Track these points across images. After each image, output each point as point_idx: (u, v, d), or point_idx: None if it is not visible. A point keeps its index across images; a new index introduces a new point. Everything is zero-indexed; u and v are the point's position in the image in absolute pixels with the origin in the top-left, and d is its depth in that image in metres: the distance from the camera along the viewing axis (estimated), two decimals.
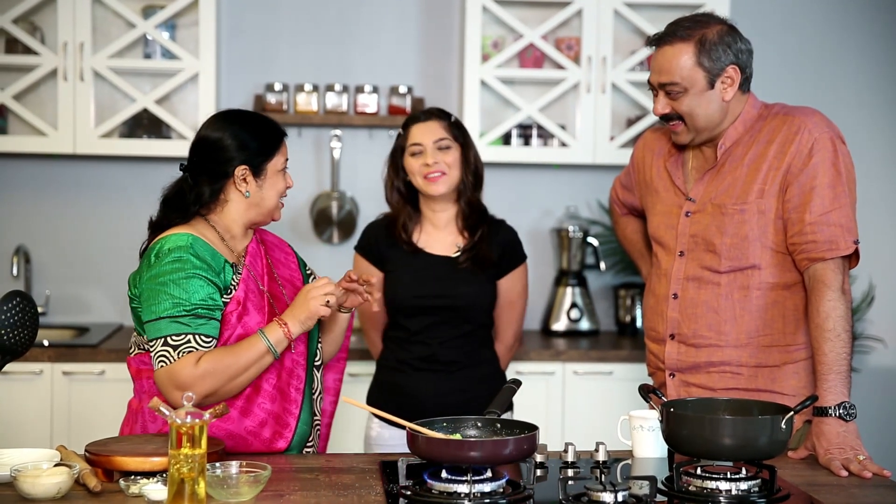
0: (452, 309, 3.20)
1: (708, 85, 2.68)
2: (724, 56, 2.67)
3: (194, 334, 2.43)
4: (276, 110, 4.53)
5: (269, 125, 2.64)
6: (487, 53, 4.56)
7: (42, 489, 2.12)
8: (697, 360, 2.75)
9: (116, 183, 4.66)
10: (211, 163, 2.58)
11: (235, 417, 2.52)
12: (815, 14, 4.88)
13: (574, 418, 4.21)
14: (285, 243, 2.84)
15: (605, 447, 2.44)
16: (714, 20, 2.71)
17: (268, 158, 2.59)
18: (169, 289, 2.44)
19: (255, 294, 2.57)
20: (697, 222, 2.77)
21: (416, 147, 3.20)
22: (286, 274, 2.73)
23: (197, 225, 2.58)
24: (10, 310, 2.32)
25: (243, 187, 2.58)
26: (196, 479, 2.02)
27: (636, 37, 4.65)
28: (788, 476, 2.38)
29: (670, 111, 2.73)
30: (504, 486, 2.18)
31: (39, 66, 4.34)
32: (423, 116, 3.25)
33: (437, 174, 3.17)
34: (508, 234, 3.31)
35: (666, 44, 2.69)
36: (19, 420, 4.06)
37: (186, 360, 2.41)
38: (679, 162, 2.86)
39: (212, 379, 2.42)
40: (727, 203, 2.72)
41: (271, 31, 4.68)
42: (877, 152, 4.92)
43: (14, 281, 4.56)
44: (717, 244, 2.72)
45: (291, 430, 2.58)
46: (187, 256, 2.47)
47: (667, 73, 2.68)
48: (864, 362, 4.88)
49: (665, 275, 2.82)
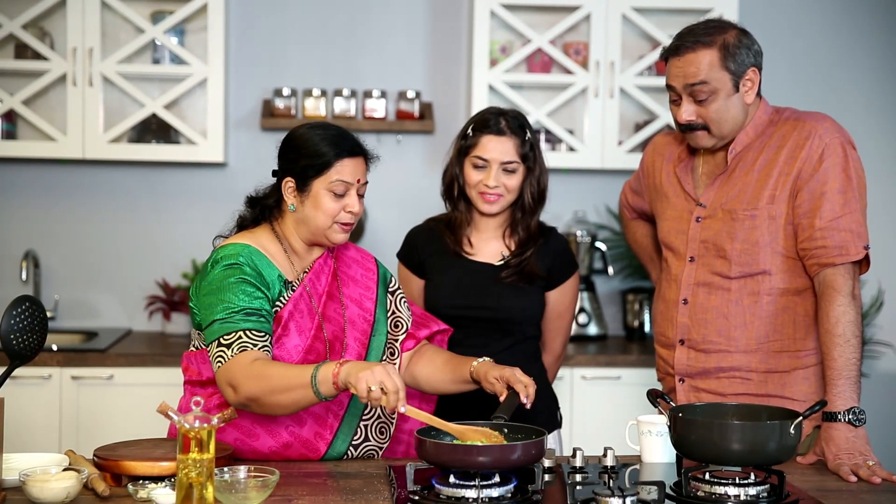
0: (494, 321, 3.00)
1: (734, 88, 2.67)
2: (746, 58, 2.67)
3: (244, 330, 2.38)
4: (284, 115, 4.54)
5: (333, 140, 2.51)
6: (496, 58, 4.56)
7: (51, 494, 2.13)
8: (707, 365, 2.75)
9: (125, 188, 4.67)
10: (278, 164, 2.57)
11: (261, 434, 2.50)
12: (823, 19, 4.87)
13: (582, 423, 4.21)
14: (371, 259, 2.75)
15: (613, 452, 2.43)
16: (727, 25, 2.71)
17: (315, 174, 2.49)
18: (220, 295, 2.43)
19: (303, 315, 2.52)
20: (708, 228, 2.76)
21: (480, 161, 2.96)
22: (355, 293, 2.64)
23: (261, 235, 2.56)
24: (18, 314, 2.32)
25: (290, 200, 2.53)
26: (204, 484, 2.02)
27: (644, 41, 4.65)
28: (797, 481, 2.37)
29: (695, 118, 2.69)
30: (512, 491, 2.18)
31: (49, 72, 4.35)
32: (498, 128, 2.96)
33: (494, 197, 2.97)
34: (559, 244, 3.09)
35: (688, 51, 2.66)
36: (28, 425, 4.07)
37: (241, 356, 2.36)
38: (689, 167, 2.85)
39: (258, 382, 2.31)
40: (738, 209, 2.71)
41: (280, 35, 4.69)
42: (885, 156, 4.91)
43: (23, 285, 4.57)
44: (727, 250, 2.71)
45: (319, 454, 2.53)
46: (238, 264, 2.46)
47: (693, 75, 2.65)
48: (873, 367, 4.87)
49: (675, 280, 2.81)
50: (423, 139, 4.74)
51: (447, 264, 3.06)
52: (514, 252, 3.04)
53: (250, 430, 2.50)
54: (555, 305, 3.10)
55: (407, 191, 4.73)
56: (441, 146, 4.65)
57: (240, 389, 2.33)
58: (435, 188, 4.70)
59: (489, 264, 3.04)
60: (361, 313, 2.63)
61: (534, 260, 3.01)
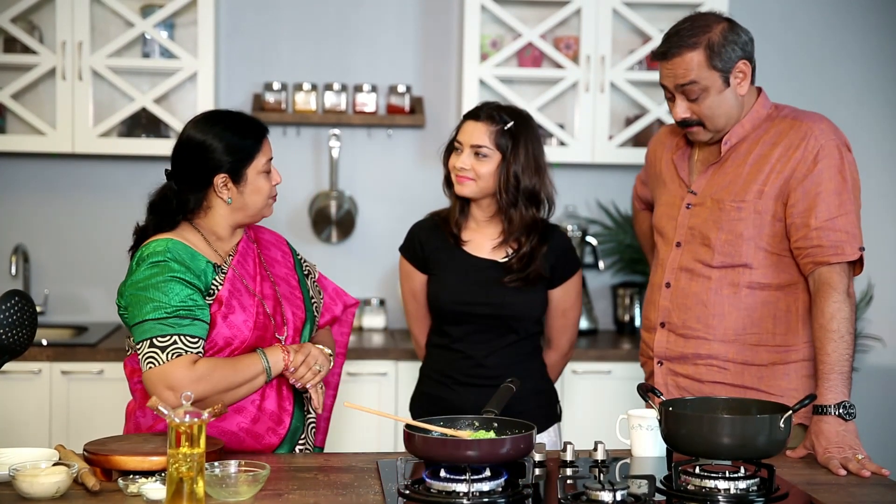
0: (497, 318, 3.01)
1: (724, 84, 2.69)
2: (733, 53, 2.68)
3: (179, 335, 2.43)
4: (274, 109, 4.53)
5: (247, 126, 2.59)
6: (486, 52, 4.56)
7: (41, 488, 2.12)
8: (685, 350, 2.77)
9: (115, 182, 4.66)
10: (191, 170, 2.57)
11: (228, 415, 2.53)
12: (815, 13, 4.88)
13: (573, 417, 4.21)
14: (283, 241, 2.82)
15: (603, 446, 2.44)
16: (713, 20, 2.71)
17: (247, 163, 2.56)
18: (149, 293, 2.45)
19: (243, 294, 2.57)
20: (696, 215, 2.78)
21: (457, 143, 3.03)
22: (281, 272, 2.72)
23: (180, 229, 2.58)
24: (8, 309, 2.32)
25: (224, 194, 2.56)
26: (195, 479, 2.02)
27: (635, 36, 4.65)
28: (787, 475, 2.38)
29: (690, 115, 2.73)
30: (503, 486, 2.18)
31: (38, 66, 4.33)
32: (477, 114, 3.02)
33: (463, 178, 3.00)
34: (562, 243, 3.09)
35: (675, 55, 2.68)
36: (18, 419, 4.06)
37: (181, 361, 2.41)
38: (685, 155, 2.88)
39: (205, 384, 2.42)
40: (725, 199, 2.73)
41: (270, 30, 4.68)
42: (876, 151, 4.92)
43: (12, 280, 4.56)
44: (711, 238, 2.74)
45: (286, 426, 2.59)
46: (164, 261, 2.48)
47: (683, 76, 2.68)
48: (863, 361, 4.88)
49: (661, 264, 2.85)
50: (413, 133, 4.74)
51: (451, 260, 3.07)
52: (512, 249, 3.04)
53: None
54: (558, 303, 3.12)
55: (397, 185, 4.73)
56: (432, 140, 4.65)
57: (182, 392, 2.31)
58: (425, 182, 4.73)
59: (493, 261, 3.04)
60: (290, 289, 2.70)
61: (539, 263, 3.02)
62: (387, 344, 4.34)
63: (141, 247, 2.54)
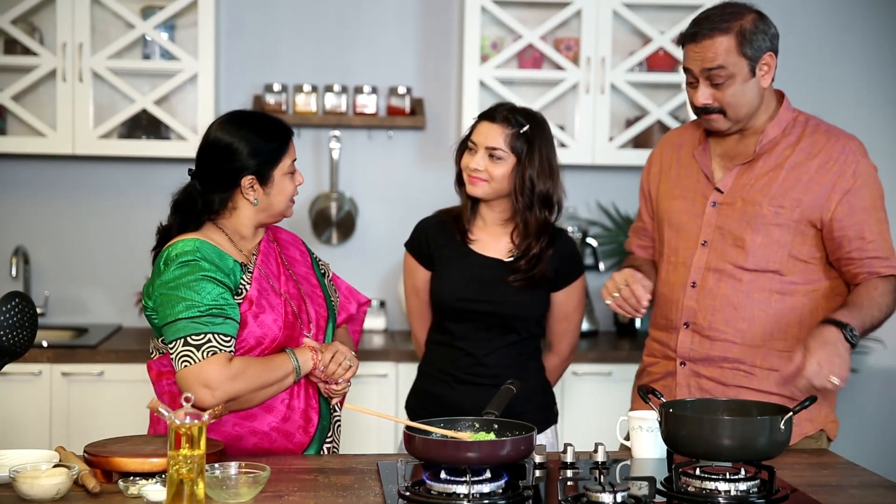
0: (499, 316, 3.01)
1: (750, 73, 2.68)
2: (763, 43, 2.68)
3: (213, 333, 2.42)
4: (275, 111, 4.53)
5: (273, 128, 2.60)
6: (486, 54, 4.56)
7: (41, 490, 2.12)
8: (711, 352, 2.74)
9: (115, 184, 4.66)
10: (218, 171, 2.57)
11: (258, 414, 2.53)
12: (815, 14, 4.88)
13: (573, 419, 4.22)
14: (299, 240, 2.83)
15: (604, 448, 2.44)
16: (745, 9, 2.71)
17: (274, 165, 2.57)
18: (181, 292, 2.44)
19: (270, 293, 2.57)
20: (725, 215, 2.75)
21: (471, 143, 3.02)
22: (302, 271, 2.73)
23: (206, 230, 2.58)
24: (8, 311, 2.32)
25: (251, 195, 2.57)
26: (195, 480, 2.02)
27: (635, 37, 4.65)
28: (787, 476, 2.38)
29: (712, 102, 2.70)
30: (503, 487, 2.18)
31: (38, 67, 4.34)
32: (492, 116, 3.02)
33: (477, 179, 2.99)
34: (567, 247, 3.09)
35: (705, 38, 2.66)
36: (18, 421, 4.06)
37: (216, 359, 2.40)
38: (707, 151, 2.84)
39: (240, 382, 2.42)
40: (762, 201, 2.71)
41: (270, 31, 4.68)
42: (876, 152, 4.89)
43: (13, 282, 4.56)
44: (746, 240, 2.71)
45: (314, 424, 2.60)
46: (195, 260, 2.48)
47: (711, 60, 2.65)
48: (863, 363, 4.88)
49: (683, 263, 2.80)
50: (414, 135, 4.74)
51: (456, 257, 3.06)
52: (521, 250, 3.02)
53: (247, 412, 2.53)
54: (561, 307, 3.11)
55: (398, 186, 4.73)
56: (432, 142, 4.66)
57: (219, 390, 2.39)
58: (426, 184, 4.73)
59: (498, 259, 3.04)
60: (311, 288, 2.71)
61: (544, 265, 3.01)
62: (387, 345, 4.34)
63: (166, 247, 2.53)
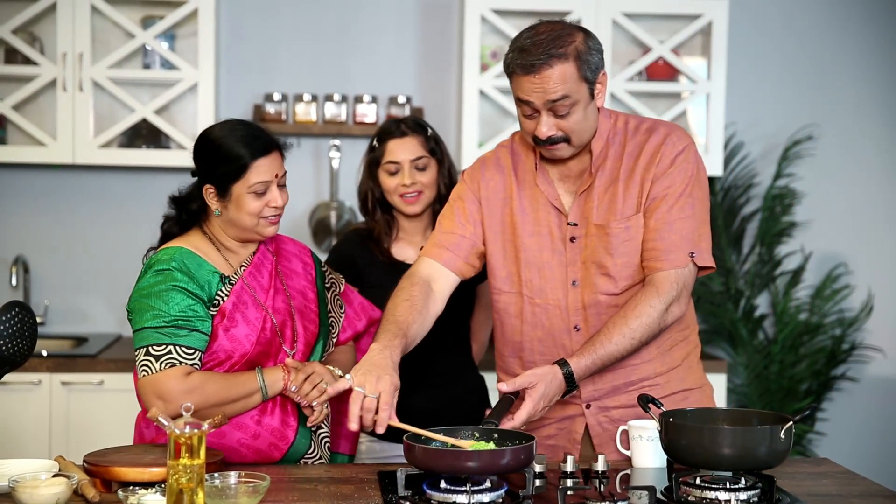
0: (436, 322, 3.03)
1: (590, 97, 2.54)
2: (597, 62, 2.54)
3: (175, 345, 2.43)
4: (275, 120, 4.53)
5: (246, 142, 2.49)
6: (486, 63, 4.57)
7: (41, 500, 2.12)
8: (615, 383, 2.65)
9: (115, 193, 4.66)
10: (195, 170, 2.59)
11: (227, 430, 2.51)
12: (814, 17, 4.89)
13: None
14: (307, 252, 2.78)
15: (603, 457, 2.43)
16: (571, 28, 2.55)
17: (234, 180, 2.49)
18: (151, 301, 2.46)
19: (248, 306, 2.55)
20: (585, 247, 2.62)
21: (392, 165, 3.06)
22: (299, 285, 2.68)
23: (192, 236, 2.59)
24: (8, 320, 2.32)
25: (213, 205, 2.55)
26: (195, 490, 2.02)
27: (634, 47, 4.66)
28: (788, 486, 2.38)
29: (556, 132, 2.53)
30: (503, 497, 2.18)
31: (38, 77, 4.34)
32: (399, 131, 3.09)
33: (413, 195, 3.05)
34: None
35: (544, 67, 2.47)
36: (18, 430, 4.06)
37: (174, 371, 2.41)
38: (547, 177, 2.67)
39: (196, 397, 2.40)
40: (610, 222, 2.59)
41: (270, 40, 4.69)
42: (875, 156, 4.92)
43: (13, 291, 4.56)
44: (609, 266, 2.60)
45: (289, 441, 2.57)
46: (169, 269, 2.48)
47: (554, 91, 2.48)
48: (863, 372, 4.88)
49: (556, 306, 2.65)
50: None
51: (385, 271, 3.07)
52: None
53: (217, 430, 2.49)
54: (484, 296, 3.21)
55: None
56: None
57: (172, 403, 2.37)
58: None
59: None
60: (306, 303, 2.67)
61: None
62: None
63: (151, 255, 2.56)
